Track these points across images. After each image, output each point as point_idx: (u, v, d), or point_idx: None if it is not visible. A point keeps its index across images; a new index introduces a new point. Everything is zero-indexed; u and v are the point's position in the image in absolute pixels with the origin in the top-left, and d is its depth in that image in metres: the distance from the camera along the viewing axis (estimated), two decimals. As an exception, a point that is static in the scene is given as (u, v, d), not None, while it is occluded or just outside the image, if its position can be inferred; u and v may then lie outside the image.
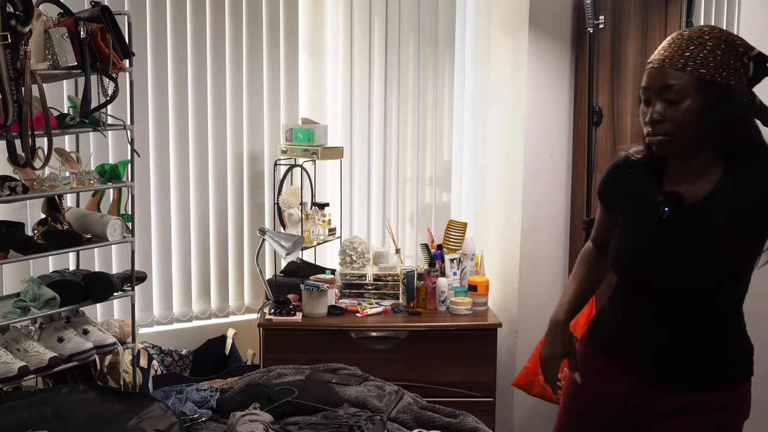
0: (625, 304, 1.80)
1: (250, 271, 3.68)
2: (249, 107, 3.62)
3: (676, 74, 1.57)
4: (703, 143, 1.61)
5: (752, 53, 1.59)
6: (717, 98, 1.56)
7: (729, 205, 1.60)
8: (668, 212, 1.65)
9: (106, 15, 2.39)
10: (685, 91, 1.57)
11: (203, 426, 2.09)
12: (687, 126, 1.59)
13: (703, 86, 1.56)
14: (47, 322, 2.51)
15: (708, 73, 1.55)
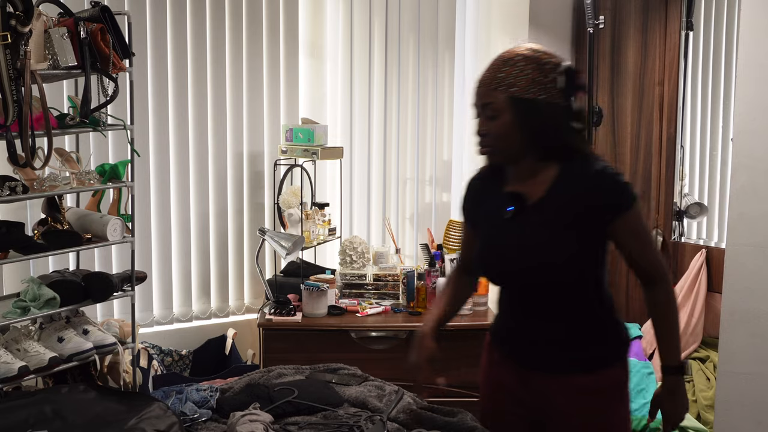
0: (502, 300, 2.00)
1: (250, 271, 3.68)
2: (249, 107, 3.62)
3: (492, 94, 1.78)
4: (528, 150, 1.80)
5: (560, 69, 1.77)
6: (528, 112, 1.76)
7: (564, 203, 1.79)
8: (512, 211, 1.84)
9: (106, 15, 2.39)
10: (500, 109, 1.77)
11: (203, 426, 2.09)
12: (505, 139, 1.78)
13: (515, 103, 1.75)
14: (47, 322, 2.51)
15: (518, 91, 1.75)
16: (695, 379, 3.32)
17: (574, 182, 1.79)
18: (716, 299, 3.30)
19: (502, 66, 1.79)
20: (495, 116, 1.78)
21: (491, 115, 1.79)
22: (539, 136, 1.78)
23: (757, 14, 2.75)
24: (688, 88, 3.71)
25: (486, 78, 1.81)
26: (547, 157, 1.82)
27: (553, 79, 1.77)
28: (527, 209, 1.83)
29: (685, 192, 3.77)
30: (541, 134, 1.78)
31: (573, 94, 1.80)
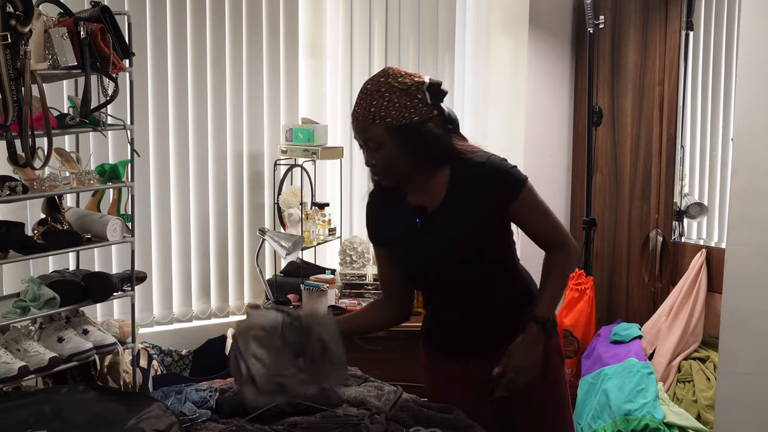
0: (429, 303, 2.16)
1: (250, 271, 3.68)
2: (249, 107, 3.62)
3: (370, 128, 1.84)
4: (419, 165, 1.89)
5: (425, 86, 1.85)
6: (408, 137, 1.84)
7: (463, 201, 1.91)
8: (419, 222, 1.95)
9: (106, 15, 2.39)
10: (382, 141, 1.84)
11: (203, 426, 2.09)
12: (394, 165, 1.88)
13: (393, 132, 1.83)
14: (47, 322, 2.51)
15: (393, 120, 1.83)
16: (695, 379, 3.32)
17: (466, 180, 1.92)
18: (716, 299, 3.30)
19: (372, 99, 1.84)
20: (378, 148, 1.86)
21: (375, 148, 1.87)
22: (424, 153, 1.88)
23: (757, 14, 2.75)
24: (688, 88, 3.71)
25: (360, 114, 1.86)
26: (436, 166, 1.92)
27: (421, 98, 1.85)
28: (431, 216, 1.95)
29: (685, 192, 3.77)
30: (425, 152, 1.88)
31: (440, 102, 1.89)
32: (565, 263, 1.97)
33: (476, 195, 1.91)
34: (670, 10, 3.66)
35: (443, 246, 1.94)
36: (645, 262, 3.80)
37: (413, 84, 1.85)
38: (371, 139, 1.86)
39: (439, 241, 1.94)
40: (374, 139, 1.85)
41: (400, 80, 1.85)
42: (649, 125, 3.75)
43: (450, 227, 1.93)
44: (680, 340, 3.41)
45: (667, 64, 3.68)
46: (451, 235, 1.93)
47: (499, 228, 1.96)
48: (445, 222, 1.93)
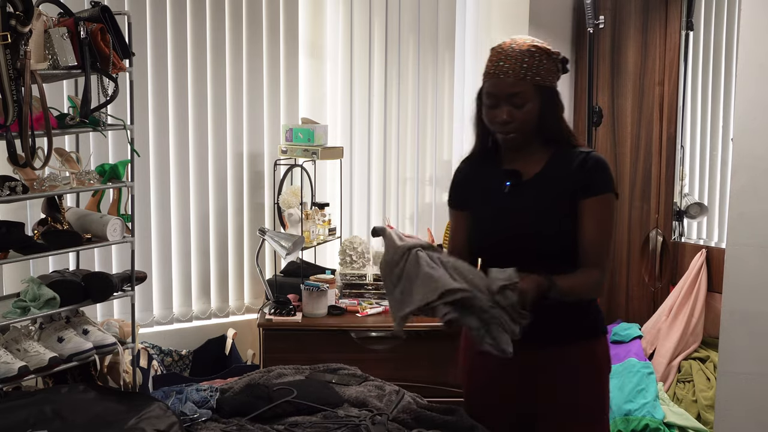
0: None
1: (250, 271, 3.68)
2: (249, 107, 3.62)
3: (518, 83, 1.89)
4: (548, 131, 1.96)
5: (560, 56, 1.95)
6: (548, 99, 1.93)
7: (555, 181, 1.95)
8: (509, 186, 1.98)
9: (106, 15, 2.39)
10: (528, 97, 1.90)
11: (203, 426, 2.09)
12: (529, 123, 1.93)
13: (541, 91, 1.91)
14: (47, 322, 2.51)
15: (542, 80, 1.91)
16: (695, 379, 3.32)
17: (564, 163, 1.95)
18: (716, 299, 3.30)
19: (524, 57, 1.90)
20: (522, 104, 1.90)
21: (518, 103, 1.90)
22: (551, 121, 1.95)
23: (757, 14, 2.75)
24: (688, 88, 3.71)
25: (510, 69, 1.90)
26: (545, 142, 1.98)
27: (560, 67, 1.96)
28: (523, 184, 1.97)
29: (685, 192, 3.77)
30: (553, 120, 1.95)
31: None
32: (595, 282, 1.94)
33: (568, 177, 1.93)
34: (670, 10, 3.66)
35: (524, 213, 1.95)
36: (645, 262, 3.80)
37: (554, 52, 1.94)
38: (518, 95, 1.89)
39: (522, 208, 1.95)
40: (521, 95, 1.89)
41: (545, 46, 1.93)
42: (649, 125, 3.75)
43: (536, 198, 1.95)
44: (680, 340, 3.41)
45: (667, 64, 3.68)
46: (535, 205, 1.94)
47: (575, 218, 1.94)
48: (533, 192, 1.96)
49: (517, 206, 1.97)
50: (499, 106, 1.93)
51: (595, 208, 1.92)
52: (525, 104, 1.90)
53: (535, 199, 1.95)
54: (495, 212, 2.01)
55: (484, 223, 2.04)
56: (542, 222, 1.94)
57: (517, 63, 1.90)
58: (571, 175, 1.93)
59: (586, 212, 1.92)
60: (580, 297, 1.96)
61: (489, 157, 2.05)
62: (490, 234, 2.02)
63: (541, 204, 1.95)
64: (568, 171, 1.94)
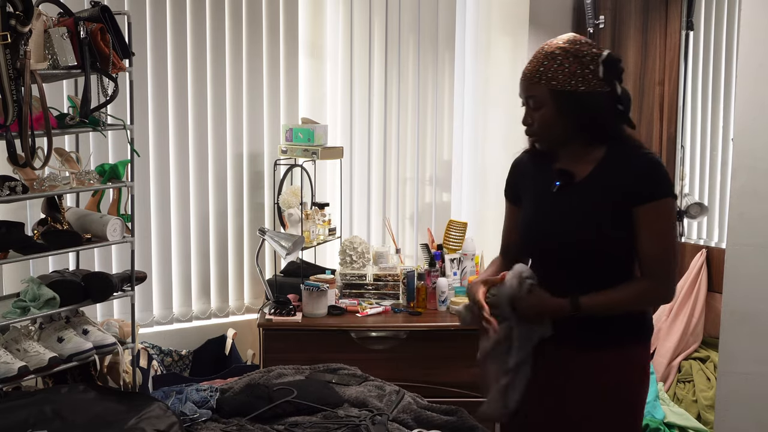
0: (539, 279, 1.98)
1: (250, 271, 3.68)
2: (249, 107, 3.62)
3: (533, 87, 1.88)
4: (572, 136, 1.89)
5: (600, 59, 1.85)
6: (568, 104, 1.85)
7: (606, 184, 1.87)
8: (559, 186, 1.92)
9: (106, 15, 2.39)
10: (542, 101, 1.87)
11: (203, 426, 2.09)
12: (548, 127, 1.89)
13: (555, 95, 1.85)
14: (47, 322, 2.51)
15: (559, 84, 1.84)
16: (695, 379, 3.31)
17: (617, 165, 1.87)
18: (716, 299, 3.30)
19: (543, 60, 1.87)
20: (538, 108, 1.88)
21: (534, 107, 1.89)
22: (581, 124, 1.87)
23: (757, 14, 2.75)
24: (688, 88, 3.71)
25: (528, 71, 1.89)
26: (593, 141, 1.90)
27: (594, 69, 1.84)
28: (573, 185, 1.91)
29: (686, 192, 3.77)
30: (583, 123, 1.87)
31: (615, 80, 1.87)
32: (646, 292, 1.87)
33: (619, 182, 1.85)
34: (670, 10, 3.66)
35: (571, 215, 1.89)
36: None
37: (589, 54, 1.85)
38: (533, 98, 1.88)
39: (567, 210, 1.90)
40: (535, 98, 1.88)
41: (578, 47, 1.86)
42: (649, 125, 3.75)
43: (583, 201, 1.88)
44: (680, 340, 3.41)
45: (667, 64, 3.68)
46: (580, 208, 1.88)
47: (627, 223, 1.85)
48: (580, 194, 1.89)
49: (563, 210, 1.91)
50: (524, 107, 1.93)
51: (651, 215, 1.83)
52: (540, 108, 1.88)
53: (580, 202, 1.89)
54: (540, 214, 1.97)
55: (527, 224, 2.00)
56: (584, 227, 1.88)
57: (535, 66, 1.88)
58: (622, 180, 1.85)
59: (640, 220, 1.83)
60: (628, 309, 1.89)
61: (544, 155, 1.99)
62: (531, 237, 1.99)
63: (585, 207, 1.88)
64: (619, 175, 1.86)
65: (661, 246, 1.84)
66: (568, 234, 1.89)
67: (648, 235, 1.84)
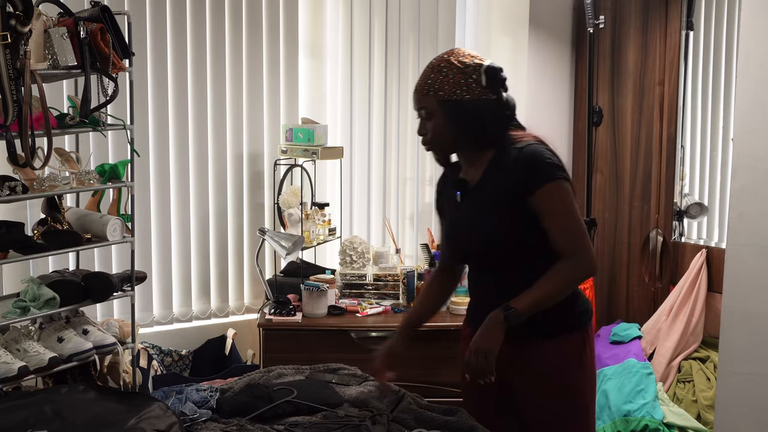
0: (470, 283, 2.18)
1: (250, 271, 3.68)
2: (249, 107, 3.62)
3: (423, 99, 2.00)
4: (462, 143, 2.02)
5: (482, 68, 1.96)
6: (455, 112, 1.96)
7: (497, 184, 1.98)
8: (460, 194, 2.07)
9: (106, 15, 2.39)
10: (431, 111, 1.99)
11: (203, 426, 2.09)
12: (439, 136, 2.01)
13: (443, 105, 1.97)
14: (47, 322, 2.51)
15: (445, 95, 1.96)
16: (695, 379, 3.32)
17: (503, 164, 1.98)
18: (716, 299, 3.30)
19: (431, 73, 1.99)
20: (429, 118, 2.00)
21: (426, 117, 2.01)
22: (469, 130, 1.99)
23: (757, 14, 2.75)
24: (688, 88, 3.71)
25: (418, 85, 2.01)
26: (483, 147, 2.02)
27: (477, 79, 1.96)
28: (470, 191, 2.04)
29: (685, 192, 3.77)
30: (470, 130, 1.98)
31: (499, 88, 1.98)
32: (568, 273, 1.93)
33: (507, 178, 1.96)
34: (670, 10, 3.66)
35: (472, 221, 2.01)
36: (645, 262, 3.80)
37: (471, 65, 1.97)
38: (424, 109, 2.00)
39: (470, 216, 2.02)
40: (425, 109, 1.99)
41: (461, 59, 1.97)
42: (649, 125, 3.75)
43: (479, 204, 2.00)
44: (680, 340, 3.41)
45: (667, 64, 3.68)
46: (479, 212, 2.00)
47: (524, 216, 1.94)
48: (477, 199, 2.02)
49: (466, 214, 2.04)
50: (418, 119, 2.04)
51: (544, 200, 1.92)
52: (431, 118, 1.99)
53: (477, 205, 2.01)
54: (452, 223, 2.13)
55: (447, 236, 2.17)
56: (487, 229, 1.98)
57: (423, 79, 2.00)
58: (509, 177, 1.95)
59: (537, 208, 1.93)
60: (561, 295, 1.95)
61: (456, 168, 2.13)
62: (453, 244, 2.15)
63: (482, 210, 2.00)
64: (506, 172, 1.96)
65: (563, 225, 1.93)
66: (478, 237, 2.01)
67: (549, 219, 1.93)
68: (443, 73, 1.97)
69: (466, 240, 2.06)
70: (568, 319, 2.04)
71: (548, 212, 1.92)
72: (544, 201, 1.92)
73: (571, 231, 1.93)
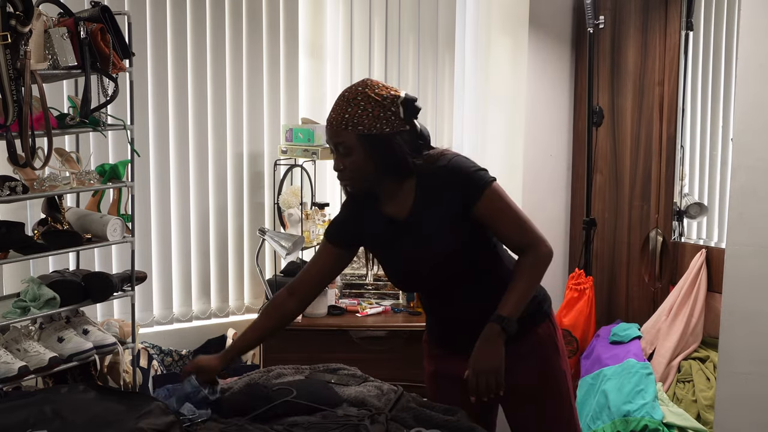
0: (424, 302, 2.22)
1: (250, 271, 3.68)
2: (249, 107, 3.62)
3: (341, 133, 1.92)
4: (383, 176, 1.96)
5: (399, 101, 1.92)
6: (376, 146, 1.91)
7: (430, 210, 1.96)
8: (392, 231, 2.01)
9: (106, 15, 2.39)
10: (351, 146, 1.91)
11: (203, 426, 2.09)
12: (360, 171, 1.94)
13: (363, 140, 1.90)
14: (47, 322, 2.51)
15: (365, 129, 1.90)
16: (695, 379, 3.31)
17: (431, 185, 1.96)
18: (716, 299, 3.30)
19: (347, 107, 1.91)
20: (348, 153, 1.93)
21: (344, 153, 1.93)
22: (390, 164, 1.94)
23: (757, 14, 2.75)
24: (688, 88, 3.71)
25: (334, 119, 1.93)
26: (404, 177, 1.98)
27: (395, 111, 1.92)
28: (402, 225, 2.00)
29: (685, 192, 3.77)
30: (391, 162, 1.94)
31: (414, 118, 1.97)
32: (534, 264, 1.96)
33: (441, 198, 1.95)
34: (670, 10, 3.66)
35: (416, 253, 1.99)
36: (645, 262, 3.80)
37: (388, 97, 1.92)
38: (341, 144, 1.92)
39: (412, 248, 1.99)
40: (344, 144, 1.92)
41: (377, 92, 1.92)
42: (649, 125, 3.75)
43: (420, 234, 1.97)
44: (680, 340, 3.41)
45: (667, 64, 3.68)
46: (421, 242, 1.97)
47: (470, 229, 1.97)
48: (415, 229, 1.98)
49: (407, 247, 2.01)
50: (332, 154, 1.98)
51: (485, 206, 1.94)
52: (350, 154, 1.92)
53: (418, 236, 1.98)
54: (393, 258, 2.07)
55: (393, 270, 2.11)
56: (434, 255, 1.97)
57: (339, 113, 1.92)
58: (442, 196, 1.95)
59: (481, 216, 1.94)
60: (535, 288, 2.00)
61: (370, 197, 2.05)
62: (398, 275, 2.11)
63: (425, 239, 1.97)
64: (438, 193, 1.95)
65: (512, 223, 1.95)
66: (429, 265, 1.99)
67: (497, 222, 1.95)
68: (361, 106, 1.90)
69: (415, 270, 2.03)
70: (535, 311, 2.08)
71: (495, 216, 1.95)
72: (488, 207, 1.94)
73: (520, 225, 1.97)
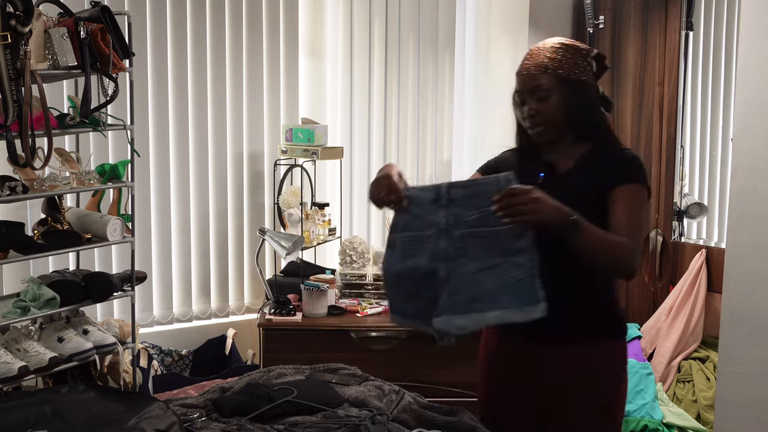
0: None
1: (250, 271, 3.68)
2: (249, 107, 3.62)
3: (540, 77, 1.97)
4: (574, 123, 2.00)
5: (593, 53, 2.02)
6: (574, 91, 1.97)
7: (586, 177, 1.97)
8: (543, 177, 2.01)
9: (106, 15, 2.39)
10: (550, 89, 1.96)
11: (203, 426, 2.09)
12: (554, 116, 1.98)
13: (562, 82, 1.96)
14: (47, 322, 2.51)
15: (565, 72, 1.96)
16: (695, 379, 3.32)
17: (598, 159, 1.98)
18: (716, 299, 3.30)
19: (546, 53, 1.98)
20: (545, 97, 1.97)
21: (542, 96, 1.97)
22: (579, 114, 1.99)
23: (757, 14, 2.75)
24: (688, 88, 3.71)
25: (532, 65, 1.99)
26: (587, 134, 2.02)
27: (590, 62, 2.00)
28: (556, 177, 2.01)
29: (685, 192, 3.77)
30: (581, 112, 1.99)
31: (601, 76, 2.04)
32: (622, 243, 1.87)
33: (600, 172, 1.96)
34: (670, 10, 3.66)
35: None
36: (645, 262, 3.80)
37: (584, 48, 2.01)
38: (540, 87, 1.96)
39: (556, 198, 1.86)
40: (543, 87, 1.96)
41: (573, 43, 2.01)
42: (649, 125, 3.75)
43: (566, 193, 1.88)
44: (680, 339, 3.41)
45: (667, 64, 3.68)
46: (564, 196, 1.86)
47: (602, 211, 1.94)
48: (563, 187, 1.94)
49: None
50: (526, 102, 2.00)
51: (623, 194, 1.93)
52: (549, 97, 1.96)
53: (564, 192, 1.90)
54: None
55: None
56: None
57: (539, 59, 1.98)
58: (602, 170, 1.96)
59: (614, 199, 1.93)
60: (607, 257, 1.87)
61: (529, 151, 2.09)
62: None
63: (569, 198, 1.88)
64: (600, 166, 1.97)
65: (630, 218, 1.92)
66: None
67: (619, 209, 1.92)
68: (560, 53, 1.97)
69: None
70: (613, 324, 2.05)
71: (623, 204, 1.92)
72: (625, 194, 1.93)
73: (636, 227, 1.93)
